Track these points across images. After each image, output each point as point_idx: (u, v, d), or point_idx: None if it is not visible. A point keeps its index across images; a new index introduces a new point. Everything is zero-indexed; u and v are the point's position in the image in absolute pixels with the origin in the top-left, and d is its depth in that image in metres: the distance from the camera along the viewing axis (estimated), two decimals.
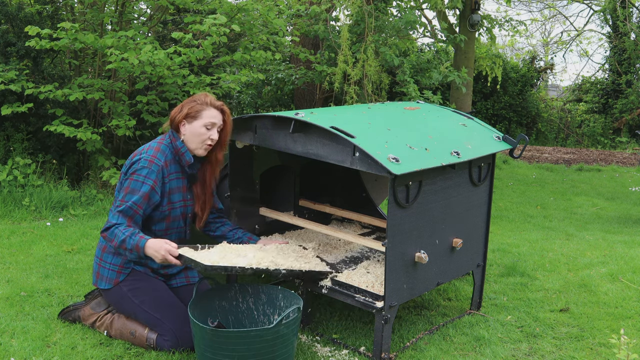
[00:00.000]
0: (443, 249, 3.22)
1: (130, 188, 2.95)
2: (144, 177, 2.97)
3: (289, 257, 3.19)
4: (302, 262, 3.21)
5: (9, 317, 3.34)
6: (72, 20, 6.64)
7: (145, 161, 2.99)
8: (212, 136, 3.09)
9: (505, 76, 14.57)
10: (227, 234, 3.32)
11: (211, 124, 3.07)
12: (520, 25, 11.47)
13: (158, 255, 2.79)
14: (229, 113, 3.17)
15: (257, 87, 10.78)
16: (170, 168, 3.07)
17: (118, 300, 3.12)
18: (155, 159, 3.01)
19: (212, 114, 3.08)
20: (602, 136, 15.31)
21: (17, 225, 5.29)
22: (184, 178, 3.14)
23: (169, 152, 3.09)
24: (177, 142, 3.09)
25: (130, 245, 2.83)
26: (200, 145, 3.09)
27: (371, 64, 7.21)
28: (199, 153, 3.11)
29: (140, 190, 2.95)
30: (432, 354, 3.08)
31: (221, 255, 2.90)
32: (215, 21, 5.64)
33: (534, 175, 9.96)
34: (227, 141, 3.21)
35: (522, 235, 5.68)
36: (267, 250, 3.17)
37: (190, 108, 3.08)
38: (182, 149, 3.08)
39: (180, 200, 3.12)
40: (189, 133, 3.08)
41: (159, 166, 3.01)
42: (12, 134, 6.65)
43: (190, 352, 2.99)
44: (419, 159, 2.87)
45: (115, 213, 2.93)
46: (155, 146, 3.07)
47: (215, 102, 3.12)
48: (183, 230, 3.21)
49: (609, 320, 3.52)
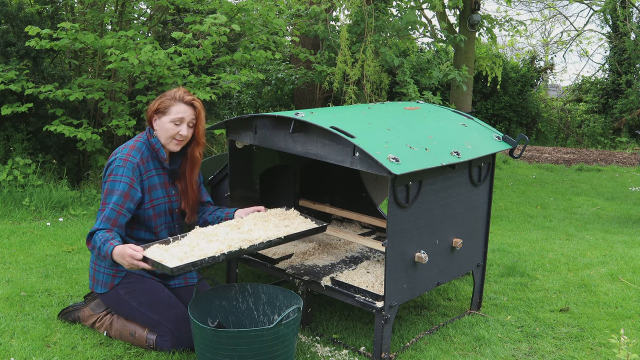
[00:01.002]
0: (443, 249, 3.22)
1: (109, 189, 2.94)
2: (120, 175, 2.95)
3: (268, 225, 3.08)
4: (282, 227, 3.09)
5: (9, 317, 3.34)
6: (72, 20, 6.64)
7: (120, 160, 2.98)
8: (182, 132, 3.05)
9: (505, 76, 14.57)
10: (208, 218, 3.29)
11: (179, 120, 3.04)
12: (520, 25, 11.48)
13: (124, 261, 2.72)
14: (201, 108, 3.11)
15: (257, 87, 10.78)
16: (148, 165, 3.05)
17: (115, 304, 3.12)
18: (130, 156, 3.00)
19: (180, 109, 3.04)
20: (602, 136, 15.31)
21: (17, 225, 5.29)
22: (164, 174, 3.12)
23: (145, 149, 3.07)
24: (152, 138, 3.08)
25: (104, 253, 2.80)
26: (170, 141, 3.06)
27: (370, 64, 7.21)
28: (171, 148, 3.08)
29: (118, 189, 2.93)
30: (432, 354, 3.08)
31: (192, 245, 2.79)
32: (215, 21, 5.64)
33: (534, 175, 9.96)
34: (202, 136, 3.14)
35: (522, 235, 5.68)
36: (243, 224, 3.04)
37: (160, 103, 3.05)
38: (156, 145, 3.07)
39: (163, 196, 3.11)
40: (159, 129, 3.06)
41: (134, 163, 2.99)
42: (12, 134, 6.65)
43: (190, 352, 2.99)
44: (419, 159, 2.87)
45: (98, 218, 2.91)
46: (131, 144, 3.07)
47: (185, 97, 3.06)
48: (172, 225, 3.19)
49: (609, 320, 3.52)
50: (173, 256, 2.68)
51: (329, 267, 3.38)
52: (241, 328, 2.97)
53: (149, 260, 2.68)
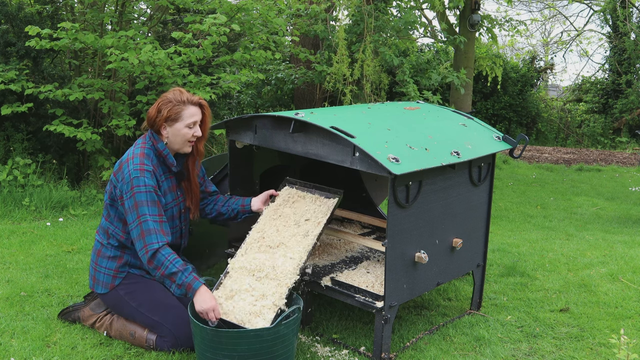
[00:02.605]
0: (443, 249, 3.22)
1: (137, 201, 2.87)
2: (144, 185, 2.90)
3: (289, 224, 3.12)
4: (302, 223, 3.12)
5: (9, 317, 3.34)
6: (72, 20, 6.64)
7: (137, 171, 2.92)
8: (196, 133, 3.06)
9: (505, 76, 14.57)
10: (221, 209, 3.30)
11: (193, 123, 3.04)
12: (520, 25, 11.48)
13: (202, 310, 2.73)
14: (207, 105, 3.12)
15: (257, 87, 10.78)
16: (159, 171, 3.03)
17: (116, 304, 3.12)
18: (144, 165, 2.95)
19: (191, 112, 3.03)
20: (602, 136, 15.31)
21: (17, 225, 5.29)
22: (172, 177, 3.11)
23: (153, 155, 3.03)
24: (158, 144, 3.03)
25: (181, 282, 2.79)
26: (185, 144, 3.06)
27: (369, 64, 7.21)
28: (185, 151, 3.08)
29: (147, 199, 2.88)
30: (432, 354, 3.08)
31: (248, 290, 2.85)
32: (215, 21, 5.64)
33: (534, 175, 9.96)
34: (207, 131, 3.16)
35: (522, 235, 5.68)
36: (266, 234, 3.09)
37: (169, 110, 2.99)
38: (164, 152, 3.03)
39: (172, 200, 3.11)
40: (171, 135, 3.03)
41: (150, 171, 2.95)
42: (12, 134, 6.65)
43: (190, 352, 2.99)
44: (419, 159, 2.87)
45: (137, 235, 2.85)
46: (139, 152, 3.00)
47: (192, 98, 3.05)
48: (178, 229, 3.19)
49: (609, 320, 3.52)
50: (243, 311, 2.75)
51: (329, 267, 3.38)
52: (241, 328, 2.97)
53: (226, 322, 2.76)
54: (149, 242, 2.83)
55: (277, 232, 3.10)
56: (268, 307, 2.75)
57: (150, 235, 2.84)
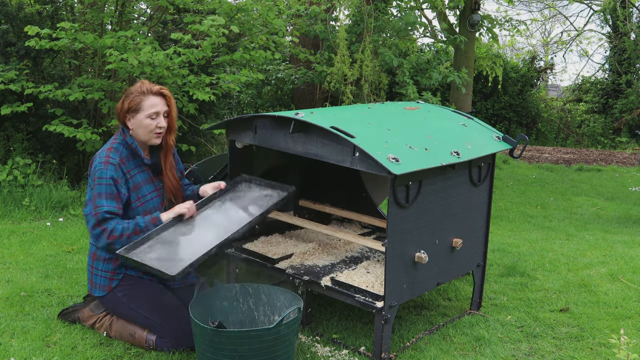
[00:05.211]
0: (443, 249, 3.22)
1: (97, 193, 2.93)
2: (105, 178, 2.94)
3: (228, 212, 3.20)
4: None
5: (9, 317, 3.34)
6: (72, 20, 6.63)
7: (101, 164, 2.97)
8: (160, 124, 3.05)
9: (505, 76, 14.56)
10: (186, 193, 3.37)
11: (155, 113, 3.03)
12: (521, 24, 11.48)
13: (180, 210, 2.94)
14: (171, 95, 3.10)
15: (256, 87, 10.78)
16: (128, 164, 3.04)
17: (114, 306, 3.12)
18: (110, 159, 2.99)
19: (152, 102, 3.02)
20: (602, 136, 15.30)
21: (17, 225, 5.29)
22: (147, 170, 3.12)
23: (123, 149, 3.05)
24: (127, 137, 3.06)
25: (144, 223, 2.91)
26: (151, 136, 3.06)
27: (369, 65, 7.21)
28: (153, 142, 3.08)
29: (106, 192, 2.93)
30: (432, 354, 3.08)
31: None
32: (214, 22, 5.64)
33: (534, 175, 9.96)
34: (175, 123, 3.15)
35: (522, 235, 5.68)
36: None
37: (130, 102, 3.01)
38: (132, 144, 3.05)
39: (152, 191, 3.12)
40: (135, 127, 3.05)
41: (115, 165, 2.98)
42: (12, 134, 6.65)
43: (190, 352, 2.99)
44: (419, 159, 2.87)
45: (93, 220, 2.91)
46: (108, 147, 3.05)
47: (153, 88, 3.04)
48: None
49: (609, 320, 3.52)
50: (171, 258, 2.81)
51: (329, 267, 3.38)
52: (242, 328, 2.97)
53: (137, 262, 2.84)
54: (104, 226, 2.90)
55: (217, 213, 3.16)
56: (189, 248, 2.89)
57: (105, 224, 2.90)
